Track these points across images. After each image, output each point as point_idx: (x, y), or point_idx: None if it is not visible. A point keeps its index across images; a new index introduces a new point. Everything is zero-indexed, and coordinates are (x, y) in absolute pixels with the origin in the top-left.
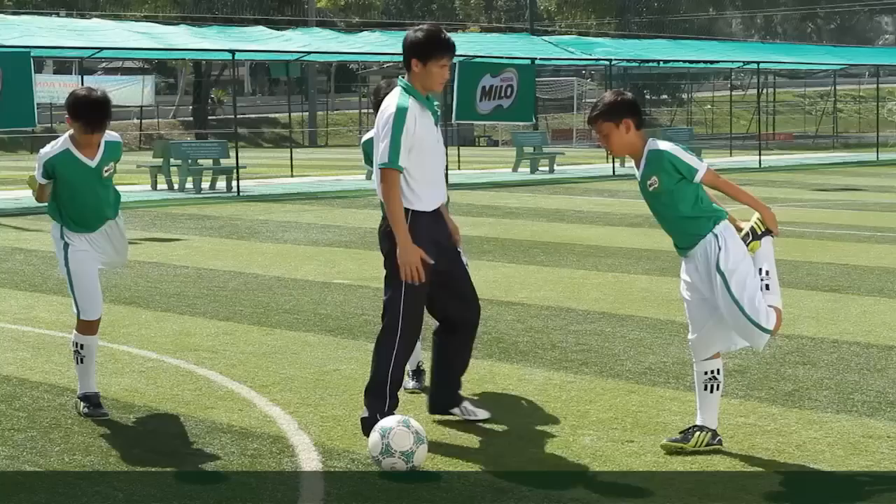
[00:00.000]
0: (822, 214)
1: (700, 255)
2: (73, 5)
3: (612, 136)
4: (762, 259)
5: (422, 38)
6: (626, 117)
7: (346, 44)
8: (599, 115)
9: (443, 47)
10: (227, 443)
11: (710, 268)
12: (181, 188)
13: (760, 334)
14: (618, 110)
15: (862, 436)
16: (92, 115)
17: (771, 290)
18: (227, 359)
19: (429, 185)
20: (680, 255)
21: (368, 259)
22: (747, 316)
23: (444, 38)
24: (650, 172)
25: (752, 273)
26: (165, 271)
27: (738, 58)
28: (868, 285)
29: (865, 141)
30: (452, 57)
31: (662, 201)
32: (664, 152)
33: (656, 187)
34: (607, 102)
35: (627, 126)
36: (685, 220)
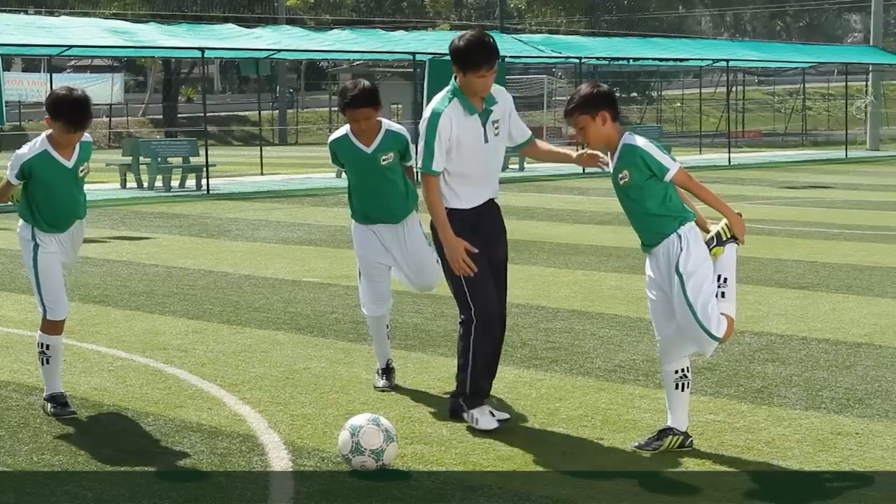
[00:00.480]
0: (791, 212)
1: (662, 254)
2: (42, 3)
3: (588, 128)
4: (722, 266)
5: (462, 47)
6: (602, 109)
7: (316, 42)
8: (576, 108)
9: (481, 59)
10: (196, 441)
11: (670, 267)
12: (150, 186)
13: (709, 341)
14: (594, 102)
15: (830, 432)
16: (75, 115)
17: (726, 299)
18: (196, 357)
19: (471, 184)
20: (644, 251)
21: (338, 257)
22: (699, 320)
23: (482, 50)
24: (622, 166)
25: (709, 278)
26: (135, 270)
27: (708, 56)
28: (837, 282)
29: (834, 139)
30: (494, 65)
31: (631, 196)
32: (637, 148)
33: (626, 181)
34: (583, 95)
35: (604, 118)
36: (651, 218)
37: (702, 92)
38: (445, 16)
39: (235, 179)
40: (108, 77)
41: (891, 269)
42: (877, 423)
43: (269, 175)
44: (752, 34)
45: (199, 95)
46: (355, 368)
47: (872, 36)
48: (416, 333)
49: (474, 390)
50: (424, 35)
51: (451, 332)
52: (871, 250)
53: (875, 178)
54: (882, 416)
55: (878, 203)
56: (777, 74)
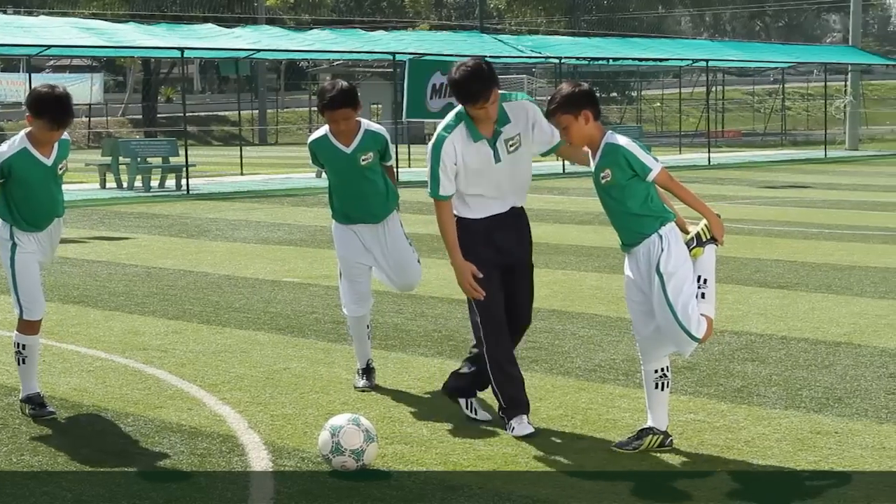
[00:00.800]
0: (771, 212)
1: (642, 254)
2: (21, 2)
3: (571, 128)
4: (702, 267)
5: (457, 79)
6: (584, 108)
7: (296, 42)
8: (558, 108)
9: (477, 92)
10: (176, 442)
11: (650, 267)
12: (130, 186)
13: (689, 341)
14: (576, 102)
15: (810, 431)
16: (57, 112)
17: (706, 300)
18: (176, 358)
19: (486, 199)
20: (623, 251)
21: (319, 257)
22: (679, 321)
23: (476, 82)
24: (604, 165)
25: (690, 279)
26: (114, 270)
27: (688, 56)
28: (816, 282)
29: (813, 138)
30: (489, 96)
31: (613, 195)
32: (620, 147)
33: (608, 180)
34: (565, 94)
35: (587, 117)
36: (632, 217)
37: (681, 92)
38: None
39: (215, 179)
40: (87, 77)
41: (870, 269)
42: (856, 422)
43: (250, 175)
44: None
45: (179, 95)
46: (335, 368)
47: (851, 36)
48: (397, 333)
49: (509, 403)
50: (404, 35)
51: (431, 332)
52: (850, 250)
53: (854, 177)
54: (861, 415)
55: (856, 203)
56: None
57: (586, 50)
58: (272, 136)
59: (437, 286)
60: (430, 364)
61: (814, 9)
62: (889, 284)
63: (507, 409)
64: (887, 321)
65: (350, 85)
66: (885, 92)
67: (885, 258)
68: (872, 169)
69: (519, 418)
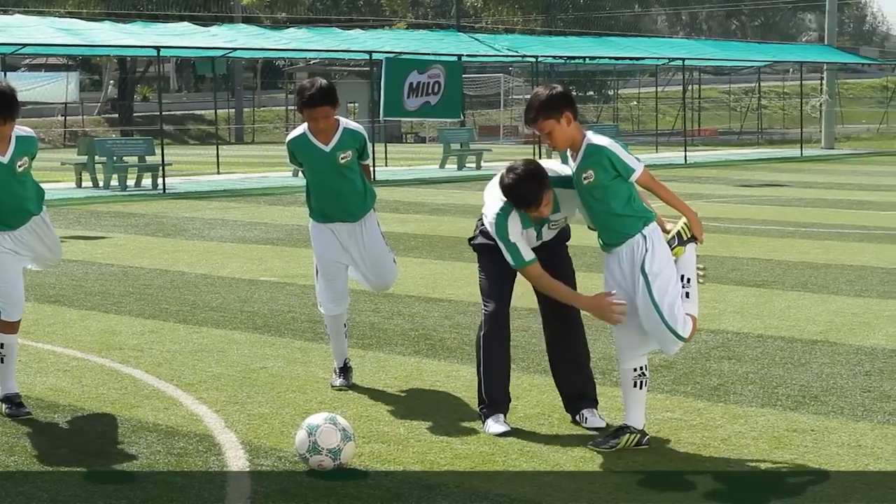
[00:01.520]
0: (747, 210)
1: (625, 254)
2: None
3: (555, 131)
4: (684, 266)
5: (510, 186)
6: (565, 110)
7: (273, 40)
8: (540, 113)
9: (532, 198)
10: (153, 442)
11: (634, 268)
12: (106, 185)
13: (675, 341)
14: (556, 104)
15: (786, 430)
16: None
17: (690, 299)
18: (152, 357)
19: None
20: (604, 250)
21: (295, 256)
22: (665, 321)
23: (525, 195)
24: (587, 166)
25: (674, 279)
26: (90, 269)
27: (664, 54)
28: (792, 280)
29: (789, 137)
30: (543, 199)
31: (596, 196)
32: (604, 148)
33: (591, 181)
34: (544, 99)
35: (568, 119)
36: (615, 218)
37: (658, 91)
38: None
39: (192, 178)
40: (62, 76)
41: (846, 267)
42: (832, 419)
43: (226, 174)
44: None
45: (155, 94)
46: (312, 367)
47: (827, 35)
48: (374, 332)
49: (489, 400)
50: (381, 34)
51: (408, 330)
52: (826, 248)
53: (830, 176)
54: (837, 413)
55: (832, 201)
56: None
57: (563, 49)
58: (249, 135)
59: (414, 285)
60: (406, 363)
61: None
62: (865, 283)
63: (486, 406)
64: (863, 319)
65: (329, 83)
66: (860, 91)
67: (860, 256)
68: (848, 168)
69: (496, 417)
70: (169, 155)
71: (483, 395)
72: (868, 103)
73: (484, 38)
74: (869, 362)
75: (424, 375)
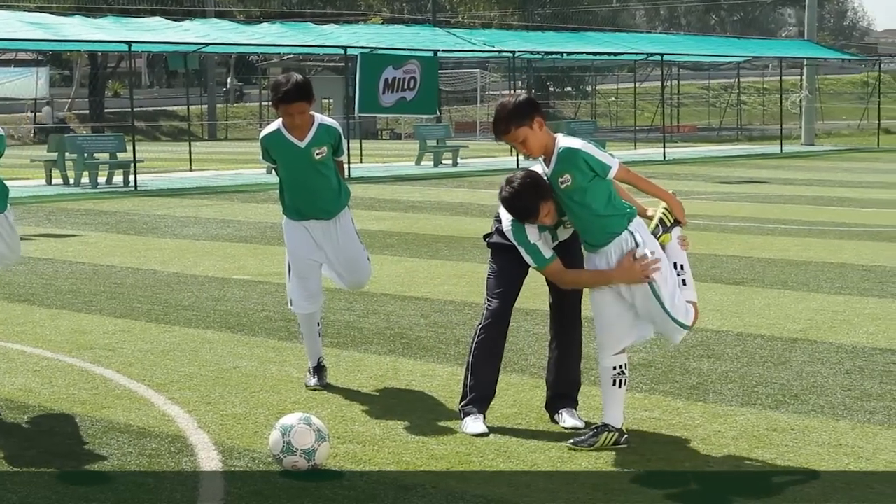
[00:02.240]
0: (726, 207)
1: (614, 253)
2: None
3: (529, 139)
4: (674, 253)
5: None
6: (535, 115)
7: (246, 35)
8: (511, 122)
9: (523, 215)
10: (124, 443)
11: None
12: (77, 183)
13: (680, 330)
14: (525, 111)
15: (766, 429)
16: None
17: (687, 286)
18: (124, 357)
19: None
20: (588, 251)
21: (269, 254)
22: (669, 314)
23: (522, 208)
24: (562, 170)
25: (668, 270)
26: (61, 268)
27: (642, 50)
28: (772, 278)
29: (769, 133)
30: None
31: (575, 199)
32: (578, 150)
33: (569, 185)
34: (512, 108)
35: (539, 124)
36: (599, 219)
37: (636, 86)
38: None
39: (164, 175)
40: (32, 71)
41: (826, 265)
42: (812, 419)
43: (199, 171)
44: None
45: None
46: (286, 367)
47: (807, 30)
48: (348, 331)
49: (471, 400)
50: (356, 29)
51: (383, 329)
52: (806, 245)
53: (810, 172)
54: (817, 412)
55: (812, 198)
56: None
57: (540, 44)
58: (221, 132)
59: (389, 284)
60: (382, 362)
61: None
62: (845, 280)
63: (467, 402)
64: (843, 317)
65: (305, 78)
66: (840, 86)
67: (840, 254)
68: (828, 164)
69: (475, 416)
70: (141, 151)
71: (467, 389)
72: (848, 99)
73: (460, 32)
74: (849, 360)
75: (400, 375)
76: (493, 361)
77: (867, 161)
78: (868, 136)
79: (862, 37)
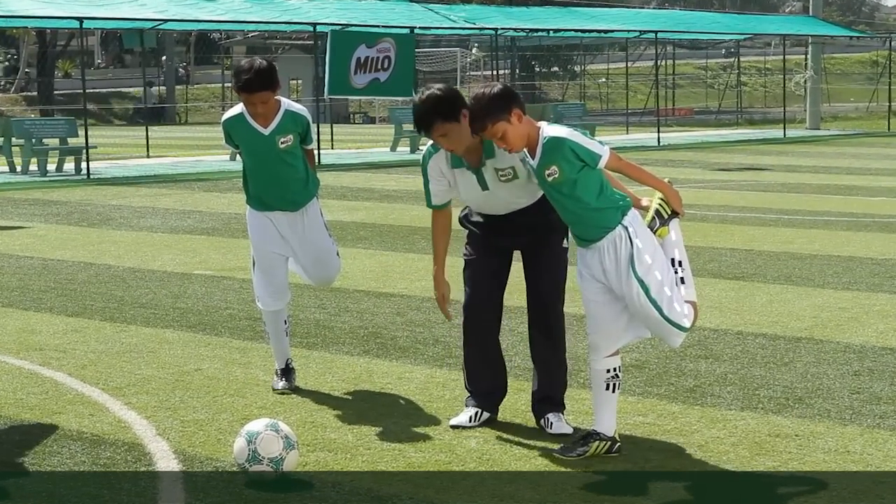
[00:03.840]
0: (725, 196)
1: (607, 249)
2: None
3: (508, 133)
4: (672, 247)
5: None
6: (512, 107)
7: (207, 11)
8: (487, 116)
9: (422, 124)
10: (77, 451)
11: (619, 265)
12: (24, 170)
13: (679, 333)
14: (502, 103)
15: (768, 434)
16: None
17: (686, 284)
18: (76, 358)
19: (485, 212)
20: (580, 245)
21: (232, 248)
22: (666, 318)
23: (423, 117)
24: (548, 162)
25: (665, 267)
26: (7, 262)
27: (635, 27)
28: (774, 272)
29: (771, 117)
30: (432, 129)
31: (564, 192)
32: (564, 140)
33: (556, 178)
34: (486, 101)
35: (518, 116)
36: (592, 213)
37: (628, 66)
38: None
39: (119, 162)
40: None
41: (832, 258)
42: (817, 423)
43: (156, 158)
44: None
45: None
46: (252, 369)
47: (812, 5)
48: (319, 330)
49: (470, 391)
50: (326, 4)
51: (356, 328)
52: (811, 237)
53: (815, 159)
54: (823, 416)
55: (818, 186)
56: (710, 47)
57: (525, 20)
58: (181, 115)
59: (363, 279)
60: (355, 364)
61: None
62: (853, 275)
63: (467, 398)
64: (851, 314)
65: (268, 63)
66: (848, 66)
67: (848, 246)
68: (835, 150)
69: (468, 410)
70: (93, 137)
71: (466, 385)
72: (857, 80)
73: (439, 8)
74: (857, 361)
75: (374, 377)
76: (478, 354)
77: (876, 146)
78: (878, 120)
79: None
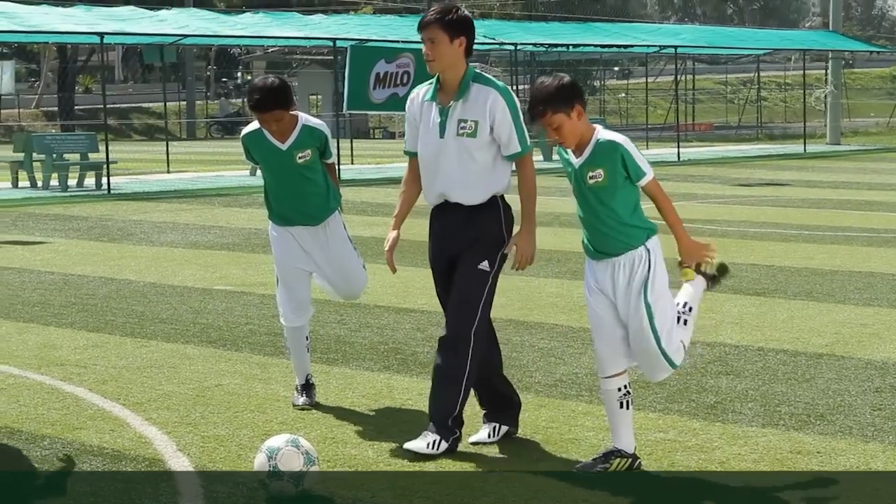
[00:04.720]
0: (746, 211)
1: (625, 264)
2: None
3: (564, 126)
4: (687, 293)
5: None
6: (575, 102)
7: (227, 26)
8: (548, 105)
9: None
10: (97, 466)
11: (631, 285)
12: (45, 185)
13: (667, 368)
14: (567, 96)
15: (790, 451)
16: None
17: (687, 327)
18: (97, 374)
19: (426, 175)
20: (594, 258)
21: (253, 263)
22: (662, 350)
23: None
24: (597, 163)
25: (670, 301)
26: (28, 278)
27: (655, 42)
28: (795, 288)
29: (791, 132)
30: (423, 30)
31: (602, 199)
32: (619, 145)
33: (599, 181)
34: (553, 89)
35: (579, 112)
36: (621, 227)
37: (648, 81)
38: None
39: (139, 178)
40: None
41: (853, 274)
42: (839, 440)
43: (177, 173)
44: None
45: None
46: (272, 385)
47: (832, 20)
48: (339, 346)
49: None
50: (346, 19)
51: (377, 344)
52: (832, 253)
53: (836, 174)
54: (845, 433)
55: (838, 202)
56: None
57: (544, 35)
58: (201, 130)
59: (383, 294)
60: (375, 379)
61: None
62: (874, 291)
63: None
64: (872, 330)
65: (281, 82)
66: (868, 81)
67: (869, 262)
68: (855, 165)
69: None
70: (114, 152)
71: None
72: (877, 94)
73: None
74: (879, 377)
75: (395, 393)
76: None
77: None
78: None
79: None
